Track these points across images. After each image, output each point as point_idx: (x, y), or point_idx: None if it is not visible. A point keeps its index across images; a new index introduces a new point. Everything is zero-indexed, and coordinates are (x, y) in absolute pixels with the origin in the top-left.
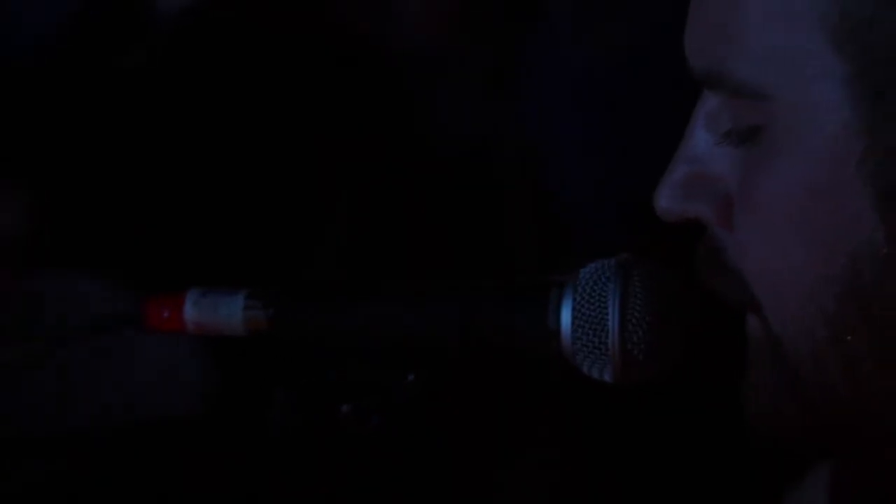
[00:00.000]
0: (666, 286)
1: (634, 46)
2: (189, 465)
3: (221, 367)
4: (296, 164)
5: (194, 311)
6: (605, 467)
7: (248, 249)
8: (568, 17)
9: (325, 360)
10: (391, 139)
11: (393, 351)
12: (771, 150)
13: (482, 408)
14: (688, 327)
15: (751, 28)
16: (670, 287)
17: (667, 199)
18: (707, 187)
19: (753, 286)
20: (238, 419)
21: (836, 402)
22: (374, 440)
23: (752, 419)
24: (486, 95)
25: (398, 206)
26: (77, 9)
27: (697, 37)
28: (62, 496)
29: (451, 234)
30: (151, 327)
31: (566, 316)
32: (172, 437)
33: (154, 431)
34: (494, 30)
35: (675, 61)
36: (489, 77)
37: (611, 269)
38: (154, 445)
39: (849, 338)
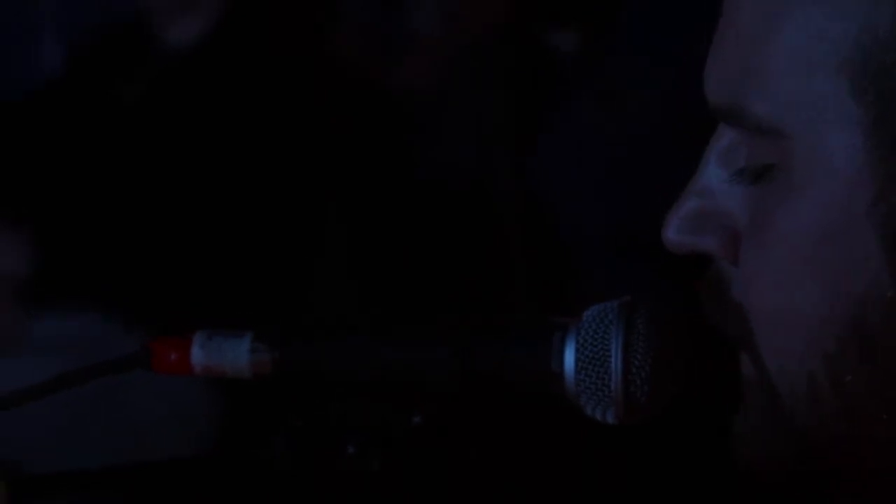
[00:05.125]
0: (668, 328)
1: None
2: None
3: (226, 407)
4: (295, 195)
5: (201, 353)
6: None
7: (248, 286)
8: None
9: (330, 400)
10: (390, 175)
11: (397, 392)
12: (784, 190)
13: (486, 447)
14: (690, 368)
15: (773, 69)
16: (673, 329)
17: (675, 232)
18: (716, 222)
19: (754, 322)
20: (242, 459)
21: (832, 445)
22: (379, 481)
23: (744, 462)
24: (488, 134)
25: (396, 241)
26: (79, 43)
27: (718, 71)
28: None
29: (448, 270)
30: (158, 369)
31: (569, 358)
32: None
33: (160, 471)
34: (500, 75)
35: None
36: (490, 115)
37: (613, 312)
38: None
39: (849, 378)
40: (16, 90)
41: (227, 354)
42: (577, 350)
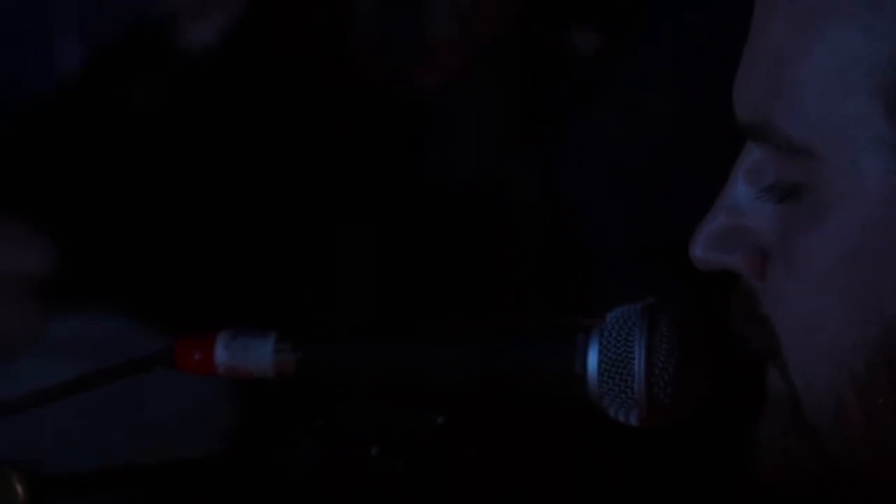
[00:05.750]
0: (692, 331)
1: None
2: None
3: (248, 408)
4: (311, 198)
5: (225, 353)
6: None
7: (270, 288)
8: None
9: (353, 401)
10: (410, 177)
11: (420, 393)
12: (814, 210)
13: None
14: (713, 372)
15: (804, 89)
16: (696, 332)
17: (703, 249)
18: (744, 239)
19: (783, 339)
20: (264, 460)
21: (856, 465)
22: (403, 483)
23: (764, 473)
24: (507, 136)
25: (418, 244)
26: (99, 47)
27: (748, 89)
28: None
29: (468, 273)
30: (181, 369)
31: (593, 360)
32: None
33: (181, 471)
34: (519, 77)
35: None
36: (509, 118)
37: (637, 314)
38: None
39: (876, 402)
40: (38, 91)
41: (251, 354)
42: (600, 352)
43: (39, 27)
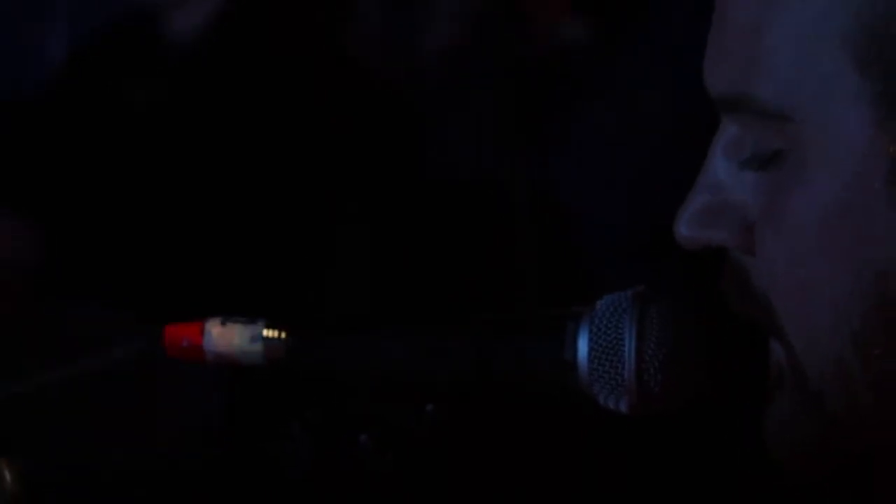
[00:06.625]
0: (682, 318)
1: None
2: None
3: (239, 402)
4: (309, 195)
5: (214, 339)
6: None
7: (263, 279)
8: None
9: (342, 391)
10: (405, 173)
11: (410, 383)
12: (796, 173)
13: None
14: (706, 359)
15: (775, 53)
16: (686, 319)
17: (688, 228)
18: (728, 214)
19: (779, 308)
20: (253, 451)
21: (863, 425)
22: (392, 471)
23: (776, 452)
24: (501, 132)
25: (412, 234)
26: (90, 41)
27: (720, 62)
28: None
29: (462, 264)
30: (170, 356)
31: (583, 347)
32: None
33: (172, 465)
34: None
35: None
36: (504, 114)
37: (627, 301)
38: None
39: (876, 352)
40: (27, 84)
41: (240, 340)
42: (590, 339)
43: (28, 19)
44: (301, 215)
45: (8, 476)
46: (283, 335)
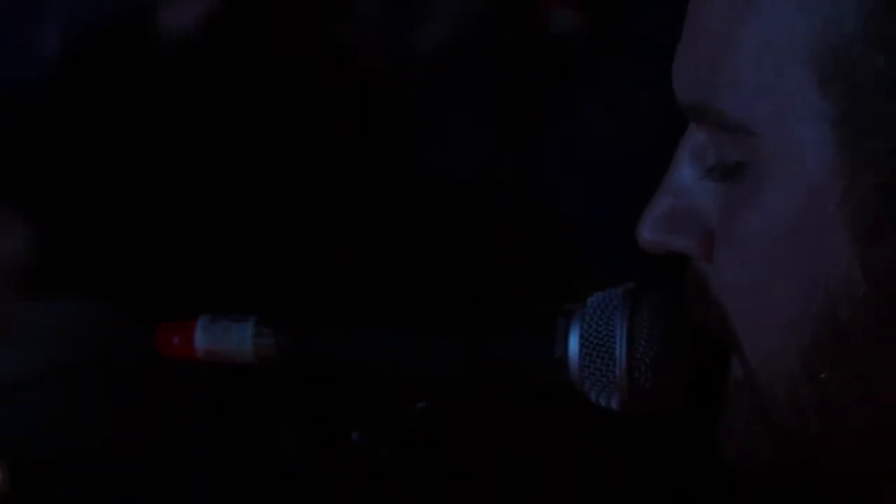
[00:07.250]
0: (673, 316)
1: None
2: (198, 495)
3: (230, 397)
4: (303, 192)
5: (204, 337)
6: (615, 496)
7: (253, 274)
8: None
9: (335, 388)
10: (398, 168)
11: (402, 380)
12: (754, 187)
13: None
14: (695, 358)
15: (739, 65)
16: (677, 317)
17: (650, 231)
18: (690, 220)
19: (733, 321)
20: (245, 449)
21: (812, 442)
22: (384, 468)
23: (729, 460)
24: (495, 129)
25: (407, 232)
26: (82, 37)
27: (686, 70)
28: None
29: (458, 262)
30: (161, 354)
31: (574, 344)
32: (181, 467)
33: (163, 461)
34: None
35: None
36: (498, 111)
37: (618, 298)
38: (163, 475)
39: (823, 375)
40: (21, 82)
41: (231, 338)
42: (581, 336)
43: (22, 18)
44: (295, 213)
45: None
46: (275, 333)
